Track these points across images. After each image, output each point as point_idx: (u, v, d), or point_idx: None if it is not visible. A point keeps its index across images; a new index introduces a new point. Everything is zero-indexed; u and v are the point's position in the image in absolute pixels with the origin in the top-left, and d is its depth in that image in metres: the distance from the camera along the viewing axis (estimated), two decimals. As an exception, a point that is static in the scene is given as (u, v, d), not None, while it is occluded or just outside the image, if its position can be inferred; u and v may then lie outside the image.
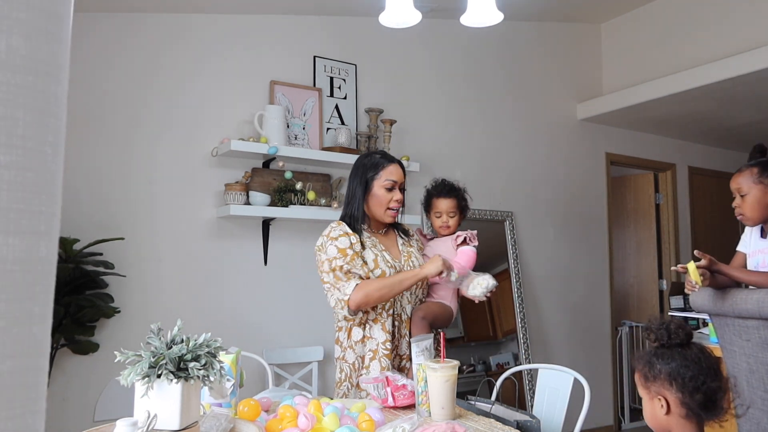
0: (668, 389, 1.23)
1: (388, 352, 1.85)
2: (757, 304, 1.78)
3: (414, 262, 1.98)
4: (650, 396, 1.26)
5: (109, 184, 2.79)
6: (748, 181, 1.97)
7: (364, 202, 1.96)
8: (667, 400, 1.23)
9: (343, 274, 1.84)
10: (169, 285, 2.88)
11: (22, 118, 0.32)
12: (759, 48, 3.49)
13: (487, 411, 1.64)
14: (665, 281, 5.12)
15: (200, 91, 3.04)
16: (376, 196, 1.94)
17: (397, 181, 1.95)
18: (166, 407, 1.17)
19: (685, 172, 5.33)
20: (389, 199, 1.94)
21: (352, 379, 1.90)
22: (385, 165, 1.95)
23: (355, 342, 1.90)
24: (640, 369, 1.28)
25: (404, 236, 2.08)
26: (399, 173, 1.96)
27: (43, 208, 0.33)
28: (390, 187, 1.94)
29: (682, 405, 1.22)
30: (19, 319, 0.32)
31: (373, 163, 1.96)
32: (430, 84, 3.84)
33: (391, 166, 1.96)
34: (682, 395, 1.21)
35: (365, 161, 1.99)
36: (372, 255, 1.90)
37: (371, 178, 1.95)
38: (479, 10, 1.89)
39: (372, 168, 1.95)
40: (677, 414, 1.23)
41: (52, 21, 0.34)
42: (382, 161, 1.97)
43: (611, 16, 4.64)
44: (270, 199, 3.01)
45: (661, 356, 1.25)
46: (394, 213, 1.96)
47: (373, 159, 1.98)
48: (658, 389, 1.24)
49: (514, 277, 3.98)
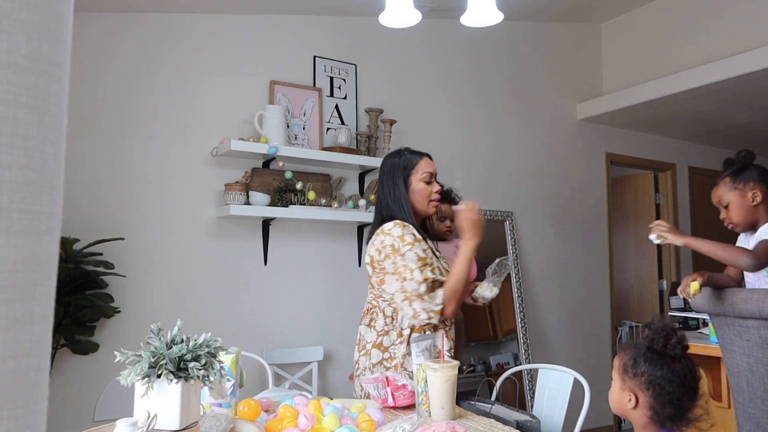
0: (644, 391, 1.24)
1: None
2: (757, 304, 1.78)
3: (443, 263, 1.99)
4: (622, 387, 1.28)
5: (109, 184, 2.79)
6: (725, 191, 2.04)
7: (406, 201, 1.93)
8: (638, 400, 1.25)
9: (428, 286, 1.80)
10: (170, 285, 2.88)
11: (23, 118, 0.32)
12: (759, 48, 3.49)
13: (487, 411, 1.64)
14: (665, 281, 5.12)
15: (200, 91, 3.04)
16: (417, 191, 1.94)
17: (433, 172, 1.97)
18: (166, 407, 1.17)
19: (685, 172, 5.33)
20: (430, 191, 1.95)
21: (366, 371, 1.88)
22: (418, 159, 1.96)
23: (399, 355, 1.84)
24: (623, 358, 1.30)
25: None
26: (433, 164, 1.98)
27: (44, 209, 0.33)
28: (428, 180, 1.95)
29: (651, 409, 1.24)
30: (20, 319, 0.32)
31: (406, 160, 1.97)
32: (430, 84, 3.84)
33: (424, 159, 1.98)
34: (654, 402, 1.23)
35: (397, 161, 1.98)
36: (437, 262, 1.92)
37: (408, 175, 1.94)
38: (479, 10, 1.89)
39: (406, 165, 1.95)
40: (642, 413, 1.25)
41: (53, 21, 0.34)
42: (414, 156, 1.97)
43: (611, 16, 4.64)
44: (270, 199, 3.01)
45: (649, 360, 1.25)
46: (436, 203, 1.98)
47: (404, 156, 1.98)
48: (634, 387, 1.26)
49: (514, 277, 3.98)
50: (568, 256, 4.40)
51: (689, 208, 5.32)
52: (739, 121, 4.81)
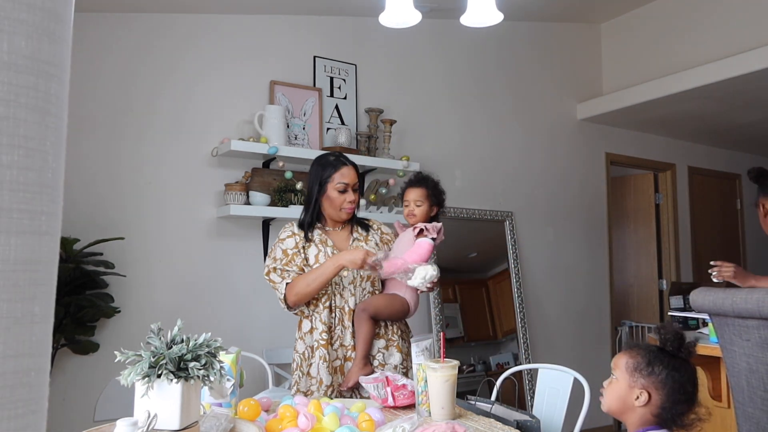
0: (659, 390, 1.28)
1: (324, 342, 1.96)
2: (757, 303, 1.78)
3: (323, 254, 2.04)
4: (631, 384, 1.30)
5: (110, 184, 2.79)
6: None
7: (320, 203, 2.05)
8: (650, 398, 1.28)
9: (278, 275, 1.97)
10: (169, 285, 2.88)
11: (24, 119, 0.32)
12: (759, 48, 3.49)
13: (487, 411, 1.64)
14: (665, 281, 5.12)
15: (200, 91, 3.04)
16: (330, 198, 2.02)
17: (349, 183, 2.02)
18: (166, 407, 1.17)
19: (685, 172, 5.33)
20: (342, 201, 2.02)
21: (302, 367, 1.98)
22: (337, 167, 2.02)
23: (304, 333, 2.01)
24: (634, 357, 1.32)
25: (363, 231, 2.13)
26: (351, 175, 2.03)
27: (45, 208, 0.34)
28: (342, 189, 2.01)
29: (660, 408, 1.27)
30: (20, 319, 0.32)
31: (327, 166, 2.04)
32: (430, 84, 3.84)
33: (343, 168, 2.02)
34: (666, 400, 1.27)
35: (321, 162, 2.07)
36: (315, 251, 2.01)
37: (325, 182, 2.02)
38: (479, 10, 1.89)
39: (326, 170, 2.03)
40: (648, 411, 1.28)
41: (53, 21, 0.34)
42: (335, 163, 2.04)
43: (611, 16, 4.64)
44: (270, 199, 3.01)
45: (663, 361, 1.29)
46: (348, 211, 2.04)
47: (327, 161, 2.06)
48: (648, 385, 1.29)
49: (514, 277, 3.98)
50: (568, 256, 4.40)
51: (689, 208, 5.32)
52: (739, 121, 4.81)
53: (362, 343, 1.96)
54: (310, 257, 2.01)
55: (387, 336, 2.04)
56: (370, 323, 1.97)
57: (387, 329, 2.05)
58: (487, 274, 3.91)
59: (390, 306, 2.02)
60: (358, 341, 1.97)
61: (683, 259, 5.18)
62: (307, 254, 2.01)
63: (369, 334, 1.97)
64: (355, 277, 2.02)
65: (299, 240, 2.03)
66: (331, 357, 1.96)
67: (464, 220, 3.84)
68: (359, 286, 2.03)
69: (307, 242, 2.03)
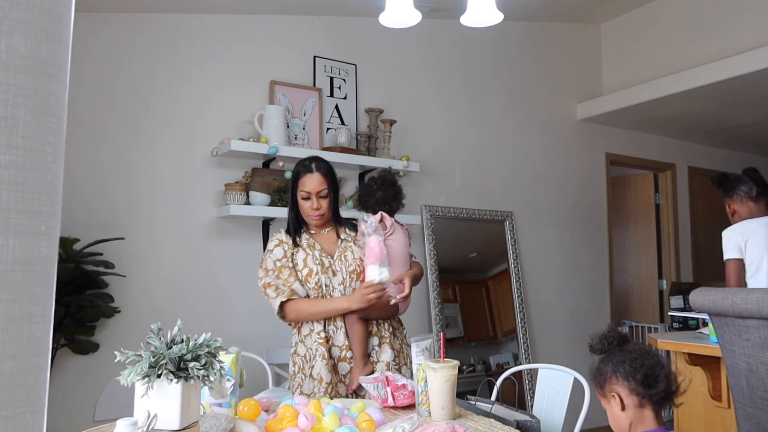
0: (616, 383, 1.34)
1: (322, 340, 1.99)
2: (757, 303, 1.78)
3: (348, 256, 2.06)
4: (606, 400, 1.36)
5: (109, 183, 2.79)
6: None
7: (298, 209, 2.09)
8: (619, 394, 1.32)
9: (272, 290, 2.01)
10: (169, 285, 2.88)
11: (23, 119, 0.32)
12: (759, 48, 3.49)
13: (487, 411, 1.64)
14: (665, 281, 5.12)
15: (200, 91, 3.04)
16: (299, 205, 2.07)
17: (310, 191, 2.03)
18: (166, 407, 1.17)
19: (685, 172, 5.33)
20: (308, 207, 2.05)
21: (305, 370, 2.00)
22: (300, 175, 2.05)
23: (304, 336, 2.04)
24: (593, 380, 1.41)
25: (351, 231, 2.14)
26: (313, 183, 2.03)
27: (44, 209, 0.33)
28: (305, 197, 2.04)
29: (632, 393, 1.31)
30: (19, 319, 0.32)
31: (296, 172, 2.08)
32: (430, 84, 3.84)
33: (305, 176, 2.04)
34: (628, 382, 1.31)
35: (295, 167, 2.10)
36: (303, 255, 2.04)
37: (294, 187, 2.08)
38: (479, 10, 1.88)
39: (295, 177, 2.08)
40: (632, 405, 1.32)
41: (52, 22, 0.34)
42: (299, 170, 2.07)
43: (611, 16, 4.64)
44: (270, 199, 3.01)
45: (604, 360, 1.38)
46: (314, 219, 2.06)
47: (297, 167, 2.09)
48: (610, 388, 1.35)
49: (514, 277, 3.98)
50: (568, 256, 4.40)
51: (689, 208, 5.32)
52: (739, 121, 4.81)
53: (358, 343, 1.98)
54: (299, 262, 2.03)
55: (380, 333, 2.06)
56: (361, 323, 1.99)
57: (379, 327, 2.07)
58: (487, 274, 3.91)
59: (376, 305, 2.01)
60: (354, 342, 1.99)
61: (683, 259, 5.18)
62: (296, 259, 2.04)
63: (363, 333, 1.99)
64: (344, 278, 2.04)
65: (287, 248, 2.06)
66: (328, 355, 1.99)
67: (464, 220, 3.84)
68: (349, 286, 2.04)
69: (295, 247, 2.06)
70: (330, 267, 2.04)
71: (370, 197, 2.17)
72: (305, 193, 2.04)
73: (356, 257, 2.07)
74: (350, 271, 2.05)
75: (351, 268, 2.05)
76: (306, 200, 2.04)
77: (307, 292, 2.02)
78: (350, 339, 2.00)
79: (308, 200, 2.04)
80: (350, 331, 2.00)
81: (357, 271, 2.06)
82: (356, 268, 2.06)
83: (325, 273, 2.02)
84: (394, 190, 2.18)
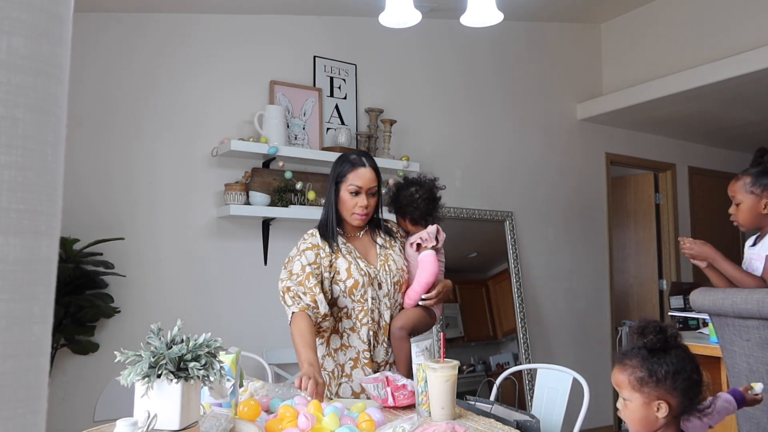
0: (674, 394, 1.20)
1: (368, 360, 1.84)
2: (757, 304, 1.78)
3: (391, 266, 1.92)
4: (646, 400, 1.21)
5: (109, 183, 2.79)
6: (741, 190, 2.05)
7: (336, 207, 1.91)
8: (669, 405, 1.20)
9: (290, 297, 1.82)
10: (169, 285, 2.88)
11: (22, 119, 0.32)
12: (759, 48, 3.49)
13: (487, 411, 1.64)
14: (665, 281, 5.12)
15: (200, 91, 3.04)
16: (343, 201, 1.89)
17: (362, 186, 1.86)
18: (166, 407, 1.17)
19: (685, 172, 5.33)
20: (354, 204, 1.87)
21: (331, 387, 1.87)
22: (352, 168, 1.88)
23: (333, 350, 1.88)
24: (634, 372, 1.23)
25: (386, 236, 2.00)
26: (366, 178, 1.87)
27: (44, 208, 0.33)
28: (354, 191, 1.87)
29: (678, 407, 1.21)
30: (19, 319, 0.32)
31: (344, 163, 1.90)
32: (430, 84, 3.84)
33: (360, 168, 1.87)
34: (685, 399, 1.20)
35: (340, 159, 1.94)
36: (345, 264, 1.86)
37: (339, 182, 1.89)
38: (479, 10, 1.89)
39: (341, 171, 1.89)
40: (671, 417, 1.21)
41: (52, 21, 0.34)
42: (353, 162, 1.89)
43: (611, 16, 4.64)
44: (270, 199, 3.01)
45: (661, 363, 1.21)
46: (359, 217, 1.89)
47: (346, 158, 1.91)
48: (662, 394, 1.20)
49: (514, 277, 3.98)
50: (568, 256, 4.40)
51: (689, 208, 5.32)
52: (739, 121, 4.81)
53: (404, 360, 1.86)
54: (341, 271, 1.86)
55: None
56: (408, 341, 1.83)
57: None
58: (487, 274, 3.91)
59: (424, 321, 1.93)
60: (401, 361, 1.87)
61: (683, 259, 5.17)
62: (338, 267, 1.86)
63: (409, 351, 1.79)
64: (389, 290, 1.90)
65: (324, 254, 1.86)
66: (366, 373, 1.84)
67: (464, 220, 3.84)
68: (392, 297, 1.91)
69: (333, 254, 1.87)
70: (375, 278, 1.88)
71: (415, 209, 2.02)
72: (356, 188, 1.85)
73: (399, 267, 1.93)
74: (394, 282, 1.90)
75: (395, 278, 1.90)
76: (355, 195, 1.86)
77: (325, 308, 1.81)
78: (396, 355, 1.87)
79: (357, 195, 1.86)
80: (397, 348, 1.87)
81: (400, 282, 1.92)
82: (400, 279, 1.92)
83: (371, 285, 1.86)
84: (435, 204, 2.05)
